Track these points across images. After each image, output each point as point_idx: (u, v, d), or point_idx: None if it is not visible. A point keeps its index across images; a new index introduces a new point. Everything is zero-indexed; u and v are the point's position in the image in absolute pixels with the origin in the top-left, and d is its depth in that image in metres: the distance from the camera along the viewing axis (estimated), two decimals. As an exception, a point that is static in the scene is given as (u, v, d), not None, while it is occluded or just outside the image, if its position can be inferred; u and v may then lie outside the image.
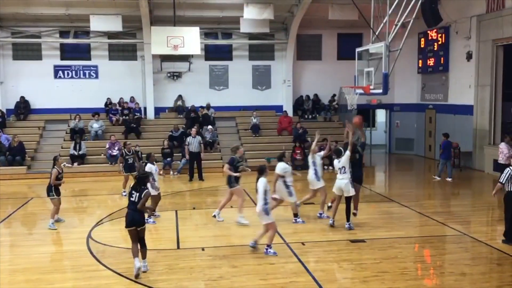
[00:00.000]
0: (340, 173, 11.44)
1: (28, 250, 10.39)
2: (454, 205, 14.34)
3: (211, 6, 22.02)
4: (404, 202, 14.10)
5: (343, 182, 11.37)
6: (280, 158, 12.04)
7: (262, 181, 9.66)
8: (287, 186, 11.94)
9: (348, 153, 11.42)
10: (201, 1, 21.54)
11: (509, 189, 10.11)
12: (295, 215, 12.28)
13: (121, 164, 16.04)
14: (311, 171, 12.60)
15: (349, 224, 11.46)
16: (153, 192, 11.82)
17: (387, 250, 10.08)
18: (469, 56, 20.31)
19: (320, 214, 12.70)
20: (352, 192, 11.37)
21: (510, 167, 10.08)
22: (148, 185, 11.96)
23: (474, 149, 20.27)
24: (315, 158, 12.68)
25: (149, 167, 12.30)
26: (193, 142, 18.79)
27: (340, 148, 12.25)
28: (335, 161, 11.63)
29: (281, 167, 11.86)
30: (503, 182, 10.13)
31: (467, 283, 8.36)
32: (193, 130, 19.32)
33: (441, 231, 11.54)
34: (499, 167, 16.16)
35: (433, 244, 10.57)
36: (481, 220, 13.00)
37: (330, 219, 11.73)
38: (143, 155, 19.80)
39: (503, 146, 15.94)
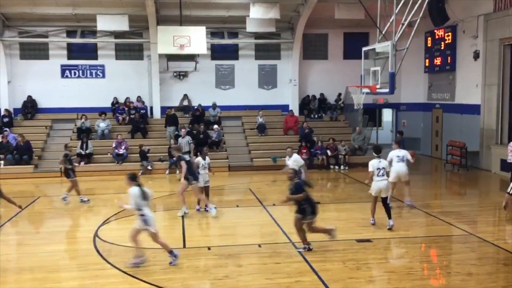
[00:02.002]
0: (379, 175, 11.23)
1: (34, 249, 10.44)
2: (460, 205, 14.28)
3: (217, 6, 22.03)
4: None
5: (383, 183, 11.23)
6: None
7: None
8: None
9: (386, 162, 11.52)
10: (207, 1, 21.54)
11: None
12: None
13: (67, 168, 14.67)
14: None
15: (391, 222, 11.37)
16: (199, 184, 12.90)
17: (393, 250, 10.07)
18: (476, 55, 20.21)
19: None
20: (390, 193, 11.50)
21: None
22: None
23: (481, 149, 20.18)
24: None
25: (197, 160, 13.21)
26: (181, 142, 19.19)
27: (380, 145, 12.42)
28: (375, 161, 11.34)
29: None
30: (510, 192, 9.13)
31: (474, 283, 8.33)
32: (183, 131, 19.72)
33: (447, 231, 11.49)
34: (508, 167, 16.04)
35: (439, 244, 10.52)
36: (488, 220, 12.95)
37: (372, 219, 11.69)
38: (147, 154, 20.02)
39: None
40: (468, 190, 17.49)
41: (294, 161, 13.84)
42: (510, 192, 9.24)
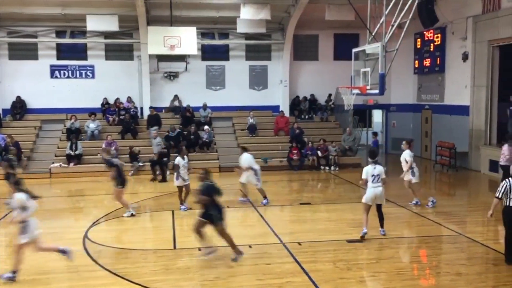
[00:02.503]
0: (374, 181, 10.58)
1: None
2: (450, 205, 14.36)
3: (207, 6, 22.00)
4: (400, 203, 14.12)
5: (379, 190, 10.60)
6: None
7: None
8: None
9: (381, 168, 10.75)
10: (198, 1, 21.50)
11: (507, 204, 8.97)
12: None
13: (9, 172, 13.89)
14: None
15: (382, 230, 11.03)
16: (177, 183, 13.41)
17: (383, 250, 10.11)
18: (465, 57, 20.36)
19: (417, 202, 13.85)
20: (384, 201, 11.00)
21: (506, 179, 9.04)
22: (175, 175, 13.53)
23: (470, 150, 20.33)
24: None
25: (177, 160, 13.50)
26: (153, 144, 19.33)
27: (375, 149, 12.22)
28: (369, 167, 10.67)
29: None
30: (500, 196, 9.01)
31: (463, 283, 8.39)
32: (153, 133, 19.84)
33: (437, 231, 11.56)
34: (500, 168, 16.07)
35: (429, 244, 10.59)
36: (477, 220, 13.04)
37: (364, 228, 10.73)
38: (138, 156, 19.95)
39: (505, 148, 15.69)
40: (457, 191, 17.61)
41: (245, 160, 14.07)
42: (499, 196, 9.02)
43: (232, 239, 9.58)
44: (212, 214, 9.27)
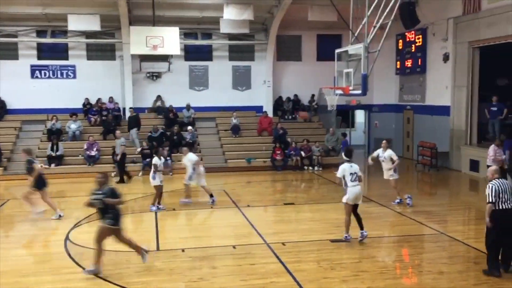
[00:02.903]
0: (353, 180, 10.39)
1: (5, 253, 10.20)
2: (431, 204, 14.51)
3: (190, 6, 21.93)
4: (382, 202, 14.24)
5: (358, 188, 10.41)
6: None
7: None
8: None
9: (357, 167, 10.58)
10: (181, 1, 21.44)
11: (502, 207, 8.45)
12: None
13: None
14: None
15: (364, 232, 10.65)
16: (155, 183, 13.54)
17: (366, 250, 10.17)
18: (446, 58, 20.60)
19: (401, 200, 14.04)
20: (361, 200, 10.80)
21: (490, 182, 8.56)
22: (151, 174, 13.59)
23: (451, 149, 20.57)
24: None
25: (155, 160, 13.63)
26: (116, 143, 19.16)
27: (351, 148, 12.14)
28: (346, 165, 10.54)
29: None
30: (493, 200, 8.42)
31: (445, 282, 8.48)
32: (117, 132, 19.63)
33: (419, 231, 11.68)
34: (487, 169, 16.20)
35: (411, 243, 10.69)
36: (458, 219, 13.22)
37: (347, 235, 10.63)
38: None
39: (490, 149, 15.79)
40: (439, 190, 17.80)
41: (189, 160, 14.24)
42: (492, 201, 8.46)
43: (132, 242, 9.15)
44: (108, 217, 8.81)
